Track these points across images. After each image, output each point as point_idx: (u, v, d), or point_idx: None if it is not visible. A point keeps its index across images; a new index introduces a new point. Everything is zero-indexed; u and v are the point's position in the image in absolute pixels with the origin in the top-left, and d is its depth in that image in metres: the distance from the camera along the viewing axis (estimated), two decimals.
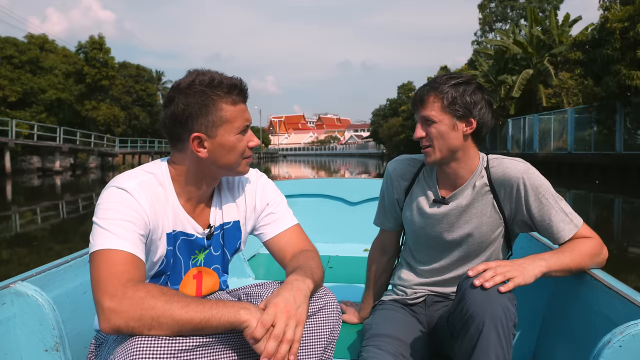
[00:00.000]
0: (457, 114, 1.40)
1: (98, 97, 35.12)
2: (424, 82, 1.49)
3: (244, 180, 1.33)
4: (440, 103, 1.40)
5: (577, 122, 20.04)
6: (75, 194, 15.31)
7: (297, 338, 0.98)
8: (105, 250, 1.01)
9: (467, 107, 1.40)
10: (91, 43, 33.89)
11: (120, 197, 1.07)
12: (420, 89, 1.46)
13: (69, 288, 1.38)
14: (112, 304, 0.95)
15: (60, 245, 6.60)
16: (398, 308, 1.59)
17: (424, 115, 1.43)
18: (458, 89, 1.40)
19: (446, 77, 1.42)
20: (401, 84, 58.99)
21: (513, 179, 1.42)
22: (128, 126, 42.03)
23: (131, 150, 36.69)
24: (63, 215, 10.22)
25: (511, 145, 26.75)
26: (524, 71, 26.16)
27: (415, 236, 1.59)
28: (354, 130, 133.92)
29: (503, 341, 1.12)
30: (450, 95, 1.40)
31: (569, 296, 1.43)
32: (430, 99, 1.42)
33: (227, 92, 1.13)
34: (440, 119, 1.41)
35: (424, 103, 1.43)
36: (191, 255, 1.23)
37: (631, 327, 1.01)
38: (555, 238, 1.41)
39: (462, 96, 1.40)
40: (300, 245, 1.30)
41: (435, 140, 1.42)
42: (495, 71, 27.96)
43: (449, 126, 1.41)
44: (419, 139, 1.45)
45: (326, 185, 3.44)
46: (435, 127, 1.41)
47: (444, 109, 1.40)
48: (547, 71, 25.12)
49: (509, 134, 27.07)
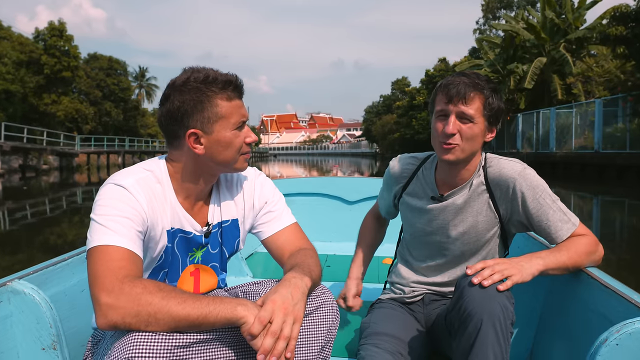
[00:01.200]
0: (490, 120, 1.41)
1: (58, 90, 31.50)
2: (420, 77, 0.98)
3: (242, 179, 1.32)
4: (481, 104, 1.38)
5: (604, 115, 16.86)
6: (19, 199, 12.51)
7: (294, 335, 0.98)
8: (102, 247, 1.01)
9: (497, 115, 1.42)
10: (50, 29, 30.25)
11: (118, 194, 1.07)
12: (460, 84, 1.38)
13: (66, 286, 1.38)
14: (109, 300, 0.95)
15: None
16: (396, 306, 1.59)
17: (464, 111, 1.37)
18: (496, 95, 1.40)
19: (485, 79, 1.40)
20: (395, 80, 55.77)
21: (509, 179, 1.42)
22: (98, 123, 38.49)
23: (96, 149, 33.04)
24: None
25: (522, 144, 23.56)
26: (537, 59, 22.97)
27: (412, 233, 1.61)
28: (347, 129, 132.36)
29: (501, 339, 1.13)
30: (491, 100, 1.39)
31: (566, 294, 1.44)
32: (475, 97, 1.38)
33: (222, 88, 1.13)
34: (479, 121, 1.39)
35: (467, 99, 1.37)
36: (189, 252, 1.23)
37: (628, 326, 1.02)
38: (553, 238, 1.40)
39: (497, 103, 1.40)
40: (299, 244, 1.30)
41: (465, 140, 1.39)
42: (502, 60, 24.75)
43: (481, 130, 1.40)
44: (449, 134, 1.37)
45: (324, 184, 3.44)
46: (471, 127, 1.38)
47: (483, 111, 1.39)
48: (563, 59, 21.94)
49: (518, 131, 23.88)
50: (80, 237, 6.11)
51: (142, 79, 74.10)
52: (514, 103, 24.83)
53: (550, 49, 23.28)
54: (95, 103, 37.92)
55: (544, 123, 21.52)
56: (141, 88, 73.51)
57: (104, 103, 38.77)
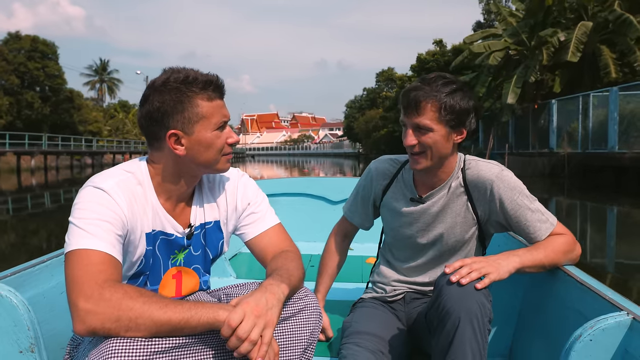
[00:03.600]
0: (451, 124, 1.39)
1: None
2: (409, 69, 1.07)
3: (225, 180, 1.31)
4: (436, 111, 1.37)
5: None
6: None
7: (265, 340, 0.97)
8: (81, 250, 0.99)
9: (461, 117, 1.39)
10: None
11: (97, 197, 1.06)
12: (413, 92, 1.39)
13: (44, 288, 1.37)
14: (87, 305, 0.93)
15: None
16: (377, 305, 1.59)
17: (418, 123, 1.39)
18: (455, 97, 1.38)
19: (442, 83, 1.38)
20: (380, 71, 48.96)
21: (487, 181, 1.43)
22: (17, 117, 31.13)
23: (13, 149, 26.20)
24: None
25: (557, 141, 17.04)
26: (581, 23, 16.42)
27: (393, 234, 1.61)
28: (329, 129, 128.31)
29: (478, 336, 1.14)
30: (448, 104, 1.37)
31: (544, 292, 1.45)
32: (426, 105, 1.37)
33: (202, 88, 1.12)
34: (436, 128, 1.38)
35: (420, 110, 1.38)
36: (170, 254, 1.22)
37: (601, 322, 1.04)
38: (532, 237, 1.41)
39: (458, 105, 1.38)
40: (282, 246, 1.29)
41: (428, 149, 1.40)
42: (528, 27, 18.18)
43: (443, 136, 1.39)
44: (410, 146, 1.42)
45: (308, 184, 3.45)
46: (430, 136, 1.39)
47: (440, 118, 1.37)
48: (622, 21, 15.42)
49: (552, 124, 17.35)
50: None
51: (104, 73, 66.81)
52: (543, 85, 18.27)
53: (597, 10, 16.81)
54: (11, 93, 30.58)
55: (596, 112, 15.02)
56: (102, 83, 66.48)
57: (25, 93, 31.44)
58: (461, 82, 1.42)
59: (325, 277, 1.72)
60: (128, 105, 55.00)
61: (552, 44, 16.77)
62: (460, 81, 1.43)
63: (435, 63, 31.88)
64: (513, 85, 17.32)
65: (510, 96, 17.30)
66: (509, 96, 17.30)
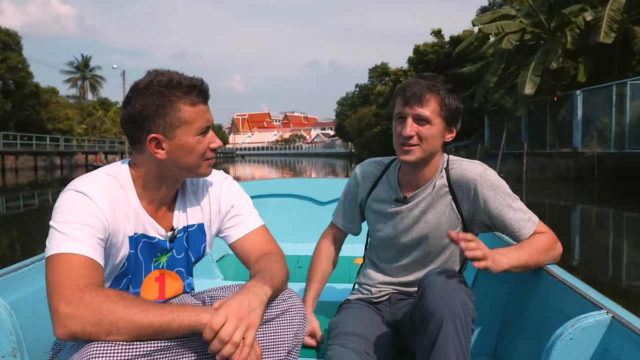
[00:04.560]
0: (448, 120, 1.43)
1: None
2: (406, 62, 1.09)
3: (208, 183, 1.30)
4: (438, 105, 1.40)
5: None
6: None
7: (247, 342, 0.97)
8: (62, 255, 0.99)
9: (455, 116, 1.44)
10: None
11: (78, 201, 1.05)
12: (417, 84, 1.41)
13: (27, 292, 1.36)
14: (68, 310, 0.93)
15: None
16: (363, 306, 1.60)
17: (420, 114, 1.40)
18: (453, 96, 1.42)
19: (442, 80, 1.43)
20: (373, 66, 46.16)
21: (470, 180, 1.45)
22: None
23: None
24: None
25: (583, 139, 14.49)
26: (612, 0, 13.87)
27: (378, 235, 1.61)
28: (321, 129, 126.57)
29: (461, 335, 1.16)
30: (447, 101, 1.41)
31: (527, 291, 1.46)
32: (430, 98, 1.40)
33: (185, 92, 1.11)
34: (436, 122, 1.41)
35: (422, 101, 1.40)
36: (153, 257, 1.21)
37: (582, 321, 1.06)
38: (516, 236, 1.43)
39: (454, 104, 1.42)
40: (265, 248, 1.29)
41: (424, 141, 1.42)
42: (547, 6, 15.58)
43: (440, 131, 1.42)
44: (407, 136, 1.41)
45: (296, 185, 3.41)
46: (429, 128, 1.41)
47: (440, 112, 1.41)
48: None
49: (576, 118, 14.80)
50: None
51: (86, 70, 63.68)
52: (564, 74, 15.69)
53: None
54: None
55: (635, 104, 12.49)
56: (84, 80, 63.36)
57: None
58: (452, 83, 1.45)
59: (315, 282, 1.70)
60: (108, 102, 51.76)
61: (577, 25, 14.19)
62: (451, 82, 1.45)
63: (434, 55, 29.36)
64: (531, 73, 14.60)
65: (527, 86, 14.56)
66: (527, 86, 14.57)
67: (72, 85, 63.21)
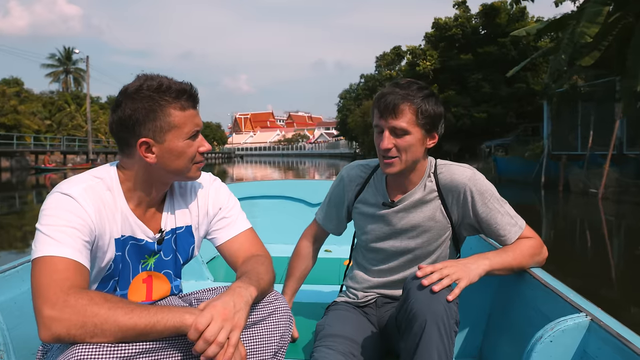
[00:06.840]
0: (426, 127, 1.42)
1: None
2: (422, 39, 1.01)
3: (196, 185, 1.32)
4: (414, 115, 1.40)
5: None
6: None
7: (232, 343, 0.98)
8: (47, 257, 1.00)
9: (435, 121, 1.43)
10: None
11: (64, 203, 1.06)
12: (390, 95, 1.41)
13: (15, 294, 1.36)
14: (52, 312, 0.94)
15: None
16: (350, 309, 1.61)
17: (395, 126, 1.40)
18: (430, 102, 1.41)
19: (416, 88, 1.42)
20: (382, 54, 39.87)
21: (460, 184, 1.46)
22: None
23: None
24: None
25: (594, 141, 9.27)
26: None
27: (365, 238, 1.61)
28: (325, 128, 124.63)
29: (444, 338, 1.17)
30: (424, 108, 1.40)
31: (511, 294, 1.49)
32: (404, 109, 1.40)
33: (175, 97, 1.12)
34: (413, 131, 1.41)
35: (397, 113, 1.40)
36: (140, 259, 1.22)
37: (561, 323, 1.09)
38: (503, 240, 1.46)
39: (432, 109, 1.41)
40: (252, 250, 1.30)
41: (403, 152, 1.42)
42: None
43: (419, 140, 1.42)
44: (385, 149, 1.42)
45: (287, 186, 3.45)
46: (407, 139, 1.41)
47: (417, 121, 1.41)
48: None
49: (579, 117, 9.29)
50: None
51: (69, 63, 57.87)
52: None
53: None
54: None
55: None
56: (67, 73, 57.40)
57: None
58: (430, 88, 1.44)
59: (293, 280, 1.72)
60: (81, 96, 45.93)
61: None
62: (429, 87, 1.44)
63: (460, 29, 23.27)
64: None
65: None
66: None
67: (53, 80, 57.25)
